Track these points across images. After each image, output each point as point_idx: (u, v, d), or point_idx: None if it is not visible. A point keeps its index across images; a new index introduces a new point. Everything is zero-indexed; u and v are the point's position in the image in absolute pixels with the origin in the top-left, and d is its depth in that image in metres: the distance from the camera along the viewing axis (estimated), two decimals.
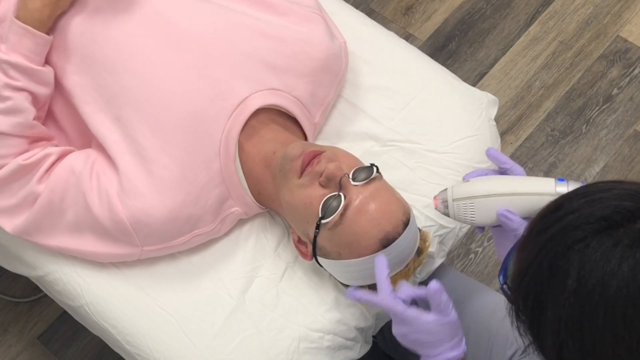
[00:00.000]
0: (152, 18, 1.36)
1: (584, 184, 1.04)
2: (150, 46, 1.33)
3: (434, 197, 1.20)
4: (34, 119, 1.32)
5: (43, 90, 1.33)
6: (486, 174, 1.19)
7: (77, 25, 1.36)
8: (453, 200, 1.16)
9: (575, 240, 0.83)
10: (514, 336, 0.97)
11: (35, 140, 1.33)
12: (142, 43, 1.33)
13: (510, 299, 0.90)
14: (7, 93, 1.29)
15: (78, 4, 1.36)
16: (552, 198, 1.00)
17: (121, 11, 1.36)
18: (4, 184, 1.31)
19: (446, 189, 1.19)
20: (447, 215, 1.19)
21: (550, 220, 0.87)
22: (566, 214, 0.86)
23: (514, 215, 1.11)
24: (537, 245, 0.87)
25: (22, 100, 1.30)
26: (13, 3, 1.35)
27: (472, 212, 1.15)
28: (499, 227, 1.15)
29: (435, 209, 1.20)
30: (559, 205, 0.88)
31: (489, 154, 1.20)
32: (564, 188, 1.09)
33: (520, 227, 1.10)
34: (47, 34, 1.32)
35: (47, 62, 1.35)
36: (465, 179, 1.19)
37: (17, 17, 1.29)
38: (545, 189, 1.10)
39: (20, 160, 1.29)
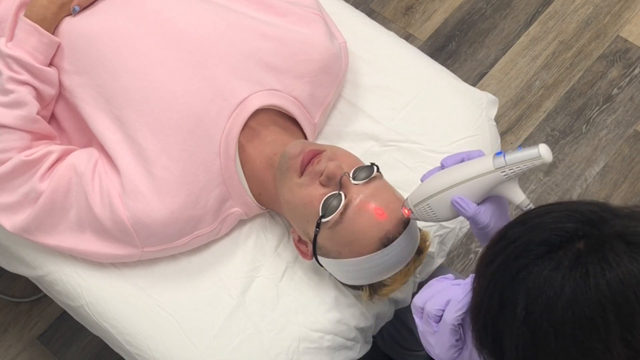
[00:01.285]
0: (152, 18, 1.36)
1: (521, 148, 1.06)
2: (150, 46, 1.33)
3: (402, 208, 1.19)
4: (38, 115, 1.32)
5: (47, 89, 1.34)
6: (438, 170, 1.17)
7: (77, 26, 1.36)
8: (414, 206, 1.17)
9: (519, 269, 0.84)
10: None
11: (38, 138, 1.34)
12: (141, 43, 1.33)
13: (474, 334, 0.91)
14: (10, 86, 1.29)
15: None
16: (495, 174, 1.04)
17: (121, 11, 1.36)
18: (6, 180, 1.31)
19: (407, 198, 1.19)
20: (418, 220, 1.19)
21: (495, 252, 0.88)
22: (508, 243, 0.87)
23: (466, 202, 1.10)
24: (487, 278, 0.88)
25: (25, 94, 1.30)
26: (13, 3, 1.35)
27: (433, 212, 1.15)
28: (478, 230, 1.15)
29: (408, 217, 1.20)
30: (502, 235, 0.89)
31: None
32: (501, 160, 1.07)
33: (477, 215, 1.10)
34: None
35: (50, 62, 1.36)
36: (422, 180, 1.18)
37: (25, 15, 1.32)
38: (485, 168, 1.09)
39: (23, 156, 1.29)
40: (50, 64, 1.36)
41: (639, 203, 2.14)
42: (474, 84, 2.28)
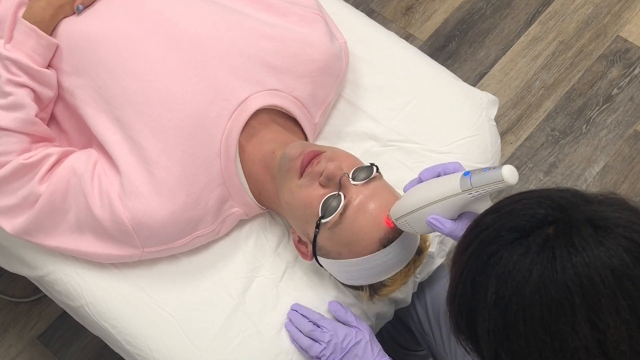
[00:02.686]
0: (152, 18, 1.36)
1: (486, 169, 1.05)
2: (149, 47, 1.33)
3: (386, 218, 1.21)
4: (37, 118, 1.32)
5: (45, 91, 1.34)
6: (416, 183, 1.18)
7: (75, 27, 1.36)
8: (395, 220, 1.19)
9: (490, 255, 0.86)
10: None
11: (37, 140, 1.33)
12: (141, 44, 1.33)
13: (450, 320, 0.93)
14: (8, 89, 1.29)
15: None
16: (462, 195, 1.05)
17: (120, 12, 1.36)
18: (5, 183, 1.31)
19: (390, 211, 1.20)
20: (404, 230, 1.20)
21: (469, 239, 0.90)
22: (481, 230, 0.89)
23: (441, 221, 1.11)
24: (461, 265, 0.90)
25: (24, 96, 1.30)
26: (12, 3, 1.35)
27: (412, 227, 1.17)
28: None
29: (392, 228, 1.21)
30: (476, 223, 0.91)
31: None
32: (467, 182, 1.07)
33: (454, 231, 1.10)
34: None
35: (48, 64, 1.36)
36: (404, 190, 1.19)
37: (23, 17, 1.32)
38: (453, 190, 1.09)
39: (21, 159, 1.29)
40: (49, 66, 1.36)
41: (637, 202, 2.14)
42: (474, 84, 2.28)
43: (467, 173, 1.08)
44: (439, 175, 1.16)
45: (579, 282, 0.81)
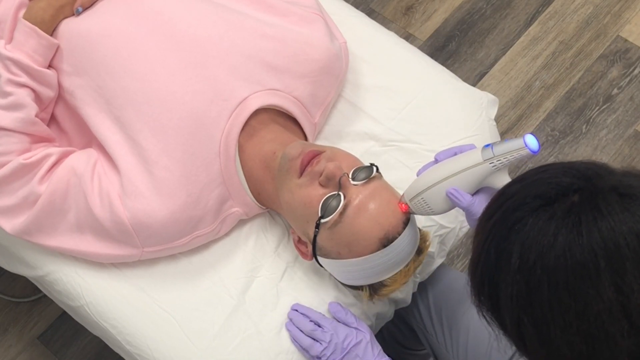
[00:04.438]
0: (152, 18, 1.36)
1: (508, 140, 1.10)
2: (149, 47, 1.33)
3: (399, 203, 1.23)
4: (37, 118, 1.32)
5: (46, 91, 1.34)
6: (432, 165, 1.22)
7: (76, 27, 1.36)
8: (409, 200, 1.21)
9: (515, 221, 0.87)
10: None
11: (37, 141, 1.34)
12: (141, 44, 1.33)
13: (472, 290, 0.94)
14: (9, 88, 1.29)
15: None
16: (484, 165, 1.10)
17: (120, 12, 1.36)
18: (5, 183, 1.31)
19: (403, 193, 1.23)
20: (415, 214, 1.23)
21: (493, 209, 0.91)
22: (506, 199, 0.90)
23: (461, 193, 1.15)
24: (484, 234, 0.91)
25: (24, 96, 1.30)
26: (13, 3, 1.35)
27: (428, 205, 1.19)
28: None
29: (405, 212, 1.23)
30: (501, 192, 0.92)
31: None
32: (489, 152, 1.12)
33: (472, 206, 1.14)
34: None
35: (49, 64, 1.36)
36: (418, 174, 1.23)
37: (24, 17, 1.32)
38: (475, 160, 1.13)
39: (21, 159, 1.29)
40: (49, 66, 1.36)
41: None
42: (474, 84, 2.28)
43: (488, 145, 1.12)
44: (455, 155, 1.19)
45: (605, 245, 0.82)
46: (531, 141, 1.08)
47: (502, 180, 1.13)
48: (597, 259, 0.82)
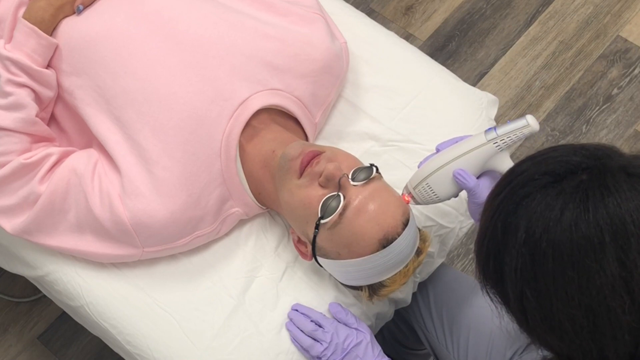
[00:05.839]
0: (152, 19, 1.36)
1: (510, 121, 1.15)
2: (150, 47, 1.33)
3: (402, 195, 1.26)
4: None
5: (45, 91, 1.34)
6: (434, 155, 1.25)
7: (75, 27, 1.36)
8: (413, 188, 1.24)
9: (523, 197, 0.89)
10: (515, 336, 0.99)
11: (37, 140, 1.34)
12: (141, 44, 1.33)
13: (477, 265, 0.95)
14: (9, 89, 1.29)
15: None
16: (488, 146, 1.14)
17: (120, 12, 1.36)
18: (5, 183, 1.31)
19: (407, 183, 1.26)
20: (419, 204, 1.26)
21: (502, 185, 0.93)
22: (515, 176, 0.92)
23: (467, 173, 1.18)
24: (492, 210, 0.92)
25: (24, 96, 1.30)
26: (13, 3, 1.35)
27: (433, 191, 1.22)
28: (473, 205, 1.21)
29: (408, 204, 1.26)
30: (511, 170, 0.94)
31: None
32: (492, 133, 1.17)
33: (477, 187, 1.17)
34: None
35: (48, 64, 1.36)
36: (419, 166, 1.25)
37: (23, 17, 1.32)
38: (479, 142, 1.18)
39: (22, 159, 1.29)
40: (49, 66, 1.36)
41: None
42: (474, 84, 2.28)
43: (490, 128, 1.17)
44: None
45: (611, 221, 0.83)
46: (532, 120, 1.13)
47: (505, 162, 1.16)
48: (603, 234, 0.83)
